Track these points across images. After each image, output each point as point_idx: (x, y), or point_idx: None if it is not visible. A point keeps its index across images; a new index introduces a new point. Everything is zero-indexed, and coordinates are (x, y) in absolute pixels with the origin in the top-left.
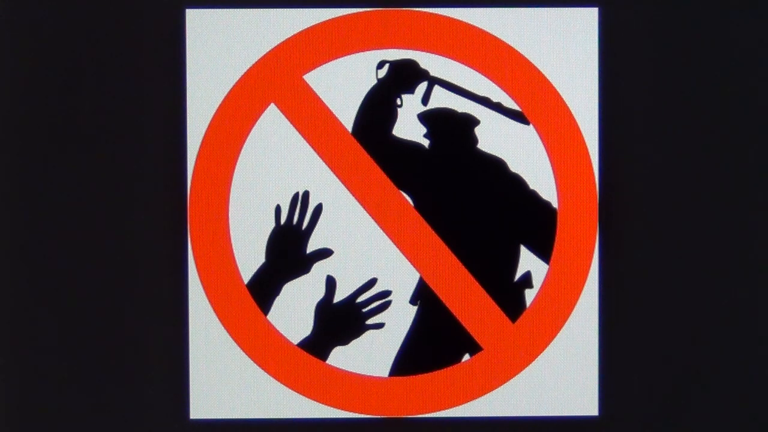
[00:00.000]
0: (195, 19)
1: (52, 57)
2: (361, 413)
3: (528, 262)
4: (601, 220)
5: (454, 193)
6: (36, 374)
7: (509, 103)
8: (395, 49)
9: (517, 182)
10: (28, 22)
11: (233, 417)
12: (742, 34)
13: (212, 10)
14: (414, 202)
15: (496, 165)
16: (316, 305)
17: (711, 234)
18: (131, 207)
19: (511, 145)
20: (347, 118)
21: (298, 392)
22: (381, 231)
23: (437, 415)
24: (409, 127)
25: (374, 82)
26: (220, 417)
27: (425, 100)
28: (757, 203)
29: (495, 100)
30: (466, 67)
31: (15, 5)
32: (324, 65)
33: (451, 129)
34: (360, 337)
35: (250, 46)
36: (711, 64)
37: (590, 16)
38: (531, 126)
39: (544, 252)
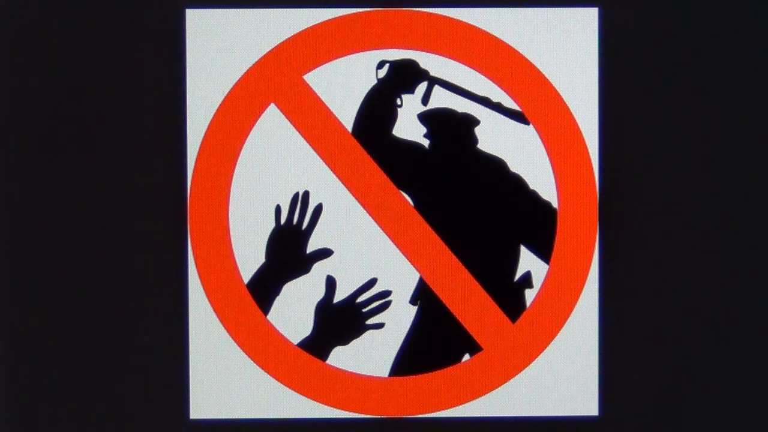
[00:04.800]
0: (195, 19)
1: (52, 57)
2: (361, 413)
3: (528, 262)
4: (601, 220)
5: (454, 193)
6: (36, 374)
7: (509, 103)
8: (395, 49)
9: (517, 182)
10: (28, 22)
11: (233, 417)
12: (741, 33)
13: (212, 10)
14: (414, 202)
15: (496, 165)
16: (316, 305)
17: (711, 234)
18: (131, 207)
19: (511, 145)
20: (347, 118)
21: (298, 392)
22: (381, 231)
23: (437, 415)
24: (409, 127)
25: (374, 82)
26: (220, 417)
27: (425, 100)
28: (758, 203)
29: (495, 100)
30: (466, 67)
31: (15, 5)
32: (324, 65)
33: (451, 129)
34: (360, 337)
35: (250, 46)
36: (711, 64)
37: (590, 16)
38: (531, 126)
39: (544, 252)
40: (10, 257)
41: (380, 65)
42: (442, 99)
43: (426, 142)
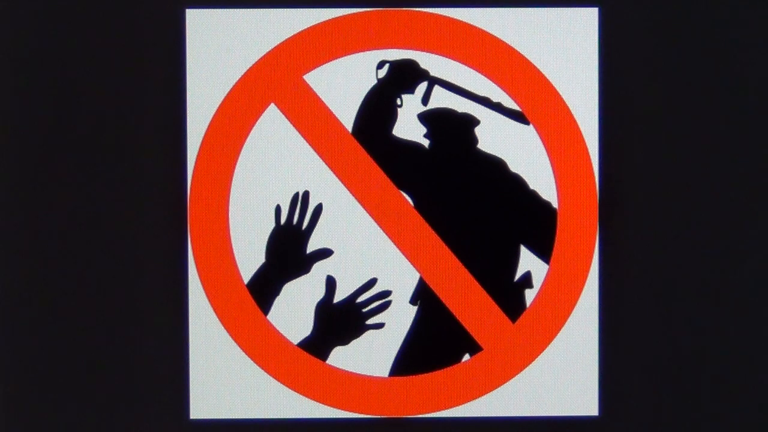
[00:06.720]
0: (195, 19)
1: (52, 57)
2: (361, 413)
3: (528, 262)
4: (601, 220)
5: (454, 193)
6: (36, 374)
7: (509, 103)
8: (395, 49)
9: (517, 182)
10: (28, 21)
11: (233, 417)
12: (741, 33)
13: (212, 10)
14: (414, 202)
15: (496, 165)
16: (316, 305)
17: (711, 234)
18: (131, 207)
19: (511, 145)
20: (347, 118)
21: (298, 392)
22: (381, 231)
23: (437, 415)
24: (409, 127)
25: (374, 82)
26: (220, 417)
27: (425, 100)
28: (758, 203)
29: (495, 100)
30: (466, 67)
31: (14, 5)
32: (324, 65)
33: (451, 129)
34: (360, 337)
35: (250, 46)
36: (711, 64)
37: (590, 16)
38: (531, 126)
39: (544, 252)
40: (9, 257)
41: (380, 65)
42: (442, 99)
43: (426, 142)
